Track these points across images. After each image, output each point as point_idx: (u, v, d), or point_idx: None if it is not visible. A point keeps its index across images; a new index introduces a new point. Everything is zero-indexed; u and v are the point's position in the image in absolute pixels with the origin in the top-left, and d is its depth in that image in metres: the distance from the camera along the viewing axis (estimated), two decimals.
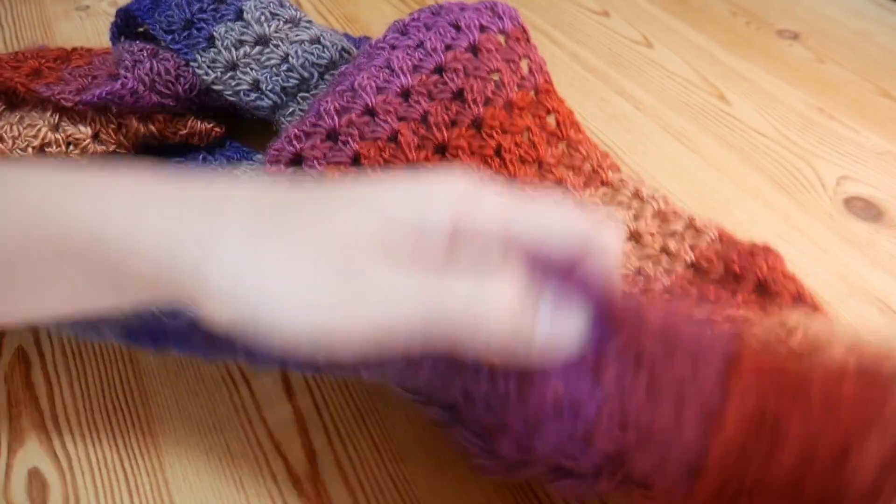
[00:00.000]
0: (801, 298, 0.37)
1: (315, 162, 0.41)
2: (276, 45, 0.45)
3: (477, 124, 0.43)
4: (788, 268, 0.39)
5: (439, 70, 0.43)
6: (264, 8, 0.45)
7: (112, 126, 0.43)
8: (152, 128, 0.44)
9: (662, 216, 0.42)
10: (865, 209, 0.48)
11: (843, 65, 0.62)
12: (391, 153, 0.41)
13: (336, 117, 0.41)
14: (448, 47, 0.43)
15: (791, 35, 0.66)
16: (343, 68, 0.44)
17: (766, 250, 0.39)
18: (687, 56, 0.63)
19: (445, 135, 0.42)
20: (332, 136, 0.41)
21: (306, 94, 0.46)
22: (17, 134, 0.40)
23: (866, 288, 0.43)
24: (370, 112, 0.41)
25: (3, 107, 0.42)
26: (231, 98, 0.45)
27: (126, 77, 0.42)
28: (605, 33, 0.66)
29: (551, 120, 0.45)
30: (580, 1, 0.71)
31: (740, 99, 0.58)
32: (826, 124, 0.56)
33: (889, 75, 0.61)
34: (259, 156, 0.46)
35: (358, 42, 0.59)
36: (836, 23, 0.68)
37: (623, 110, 0.57)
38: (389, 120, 0.41)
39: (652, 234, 0.41)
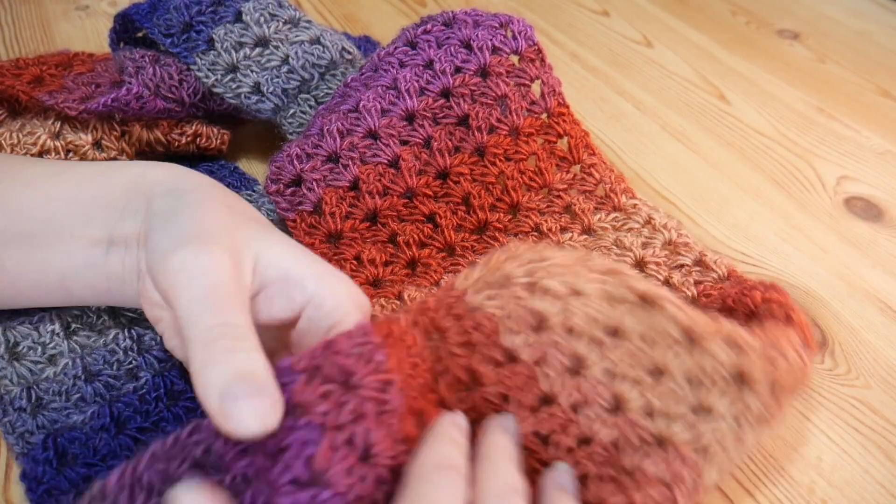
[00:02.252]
0: (789, 320, 0.33)
1: (314, 184, 0.41)
2: (276, 47, 0.44)
3: (480, 151, 0.42)
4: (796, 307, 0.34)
5: (446, 94, 0.42)
6: (263, 9, 0.45)
7: (115, 133, 0.42)
8: (157, 133, 0.44)
9: (673, 247, 0.40)
10: (865, 209, 0.48)
11: (843, 65, 0.62)
12: (391, 178, 0.41)
13: (338, 139, 0.41)
14: (457, 69, 0.42)
15: (791, 35, 0.66)
16: (349, 78, 0.44)
17: (772, 287, 0.37)
18: (687, 56, 0.63)
19: (448, 161, 0.41)
20: (333, 158, 0.41)
21: (307, 96, 0.46)
22: (15, 141, 0.40)
23: (866, 288, 0.43)
24: (373, 135, 0.41)
25: (5, 114, 0.42)
26: (232, 101, 0.45)
27: (131, 83, 0.42)
28: (605, 33, 0.66)
29: (563, 143, 0.44)
30: (580, 1, 0.71)
31: (740, 99, 0.58)
32: (826, 124, 0.56)
33: (889, 75, 0.61)
34: (259, 186, 0.46)
35: (358, 42, 0.59)
36: (836, 23, 0.68)
37: (623, 110, 0.57)
38: (392, 144, 0.41)
39: (658, 265, 0.39)
